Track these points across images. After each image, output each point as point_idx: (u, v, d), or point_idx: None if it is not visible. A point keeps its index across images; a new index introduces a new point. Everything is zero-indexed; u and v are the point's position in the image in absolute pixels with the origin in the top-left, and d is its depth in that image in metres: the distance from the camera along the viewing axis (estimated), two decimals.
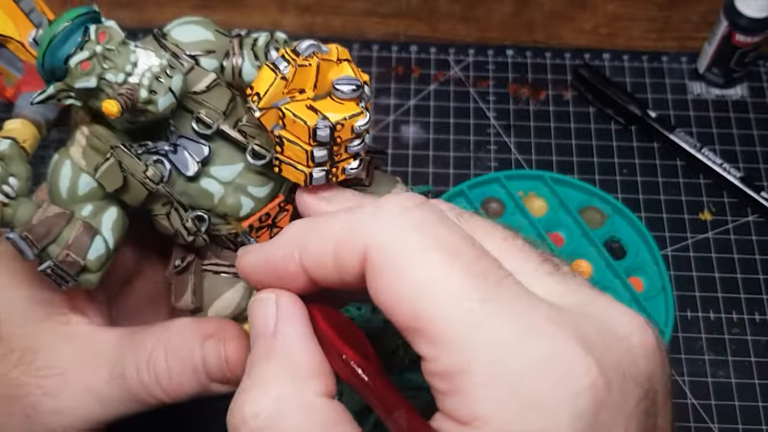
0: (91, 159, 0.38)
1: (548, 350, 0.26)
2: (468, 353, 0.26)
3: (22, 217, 0.36)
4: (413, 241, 0.28)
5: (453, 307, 0.27)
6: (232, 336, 0.40)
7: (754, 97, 0.75)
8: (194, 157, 0.38)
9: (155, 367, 0.39)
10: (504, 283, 0.28)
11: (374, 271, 0.28)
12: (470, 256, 0.28)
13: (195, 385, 0.40)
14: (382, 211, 0.29)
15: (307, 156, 0.34)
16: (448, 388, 0.27)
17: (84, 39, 0.34)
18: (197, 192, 0.39)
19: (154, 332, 0.40)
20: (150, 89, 0.35)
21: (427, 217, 0.29)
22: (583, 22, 0.81)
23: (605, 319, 0.29)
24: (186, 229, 0.39)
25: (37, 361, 0.40)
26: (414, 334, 0.28)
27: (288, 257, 0.31)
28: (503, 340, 0.26)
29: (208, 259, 0.42)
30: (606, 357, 0.27)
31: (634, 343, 0.28)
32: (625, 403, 0.27)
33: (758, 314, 0.64)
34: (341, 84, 0.34)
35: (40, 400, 0.40)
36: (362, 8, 0.81)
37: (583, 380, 0.26)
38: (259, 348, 0.31)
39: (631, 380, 0.28)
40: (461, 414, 0.27)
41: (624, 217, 0.66)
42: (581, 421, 0.26)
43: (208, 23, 0.41)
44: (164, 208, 0.38)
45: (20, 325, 0.41)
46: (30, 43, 0.38)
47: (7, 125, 0.38)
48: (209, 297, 0.41)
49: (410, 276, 0.28)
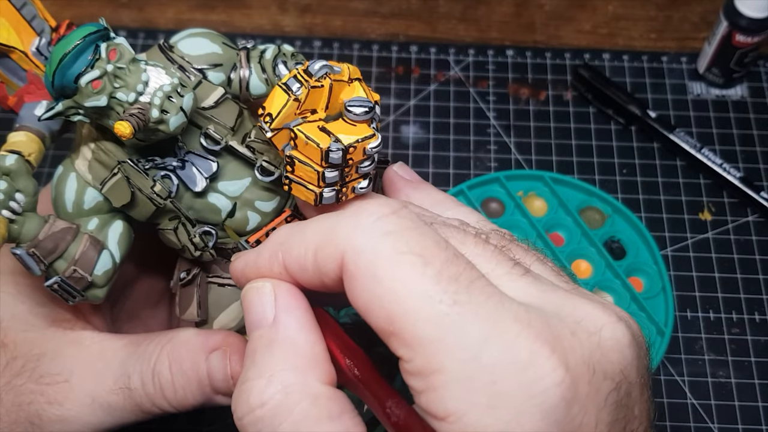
0: (98, 173, 0.37)
1: (516, 349, 0.28)
2: (440, 353, 0.28)
3: (29, 233, 0.36)
4: (386, 247, 0.29)
5: (425, 309, 0.28)
6: (237, 349, 0.40)
7: (754, 97, 0.75)
8: (202, 173, 0.38)
9: (160, 379, 0.39)
10: (475, 285, 0.29)
11: (350, 275, 0.29)
12: (442, 260, 0.29)
13: (200, 396, 0.40)
14: (360, 218, 0.30)
15: (319, 177, 0.34)
16: (424, 387, 0.28)
17: (95, 57, 0.34)
18: (204, 207, 0.39)
19: (158, 342, 0.40)
20: (162, 109, 0.35)
21: (402, 224, 0.30)
22: (583, 22, 0.81)
23: (576, 316, 0.30)
24: (193, 244, 0.38)
25: (41, 369, 0.40)
26: (390, 337, 0.29)
27: (273, 259, 0.32)
28: (473, 339, 0.28)
29: (212, 271, 0.41)
30: (575, 353, 0.28)
31: (605, 337, 0.30)
32: (596, 396, 0.28)
33: (758, 314, 0.64)
34: (353, 106, 0.34)
35: (44, 408, 0.40)
36: (362, 8, 0.81)
37: (550, 377, 0.27)
38: (259, 336, 0.32)
39: (601, 374, 0.29)
40: (436, 410, 0.28)
41: (624, 217, 0.66)
42: (550, 416, 0.27)
43: (215, 35, 0.41)
44: (171, 223, 0.38)
45: (24, 331, 0.41)
46: (33, 52, 0.38)
47: (12, 138, 0.38)
48: (214, 309, 0.41)
49: (384, 280, 0.29)
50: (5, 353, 0.40)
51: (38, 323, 0.41)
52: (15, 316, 0.41)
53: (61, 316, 0.42)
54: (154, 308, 0.49)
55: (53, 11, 0.40)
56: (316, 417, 0.29)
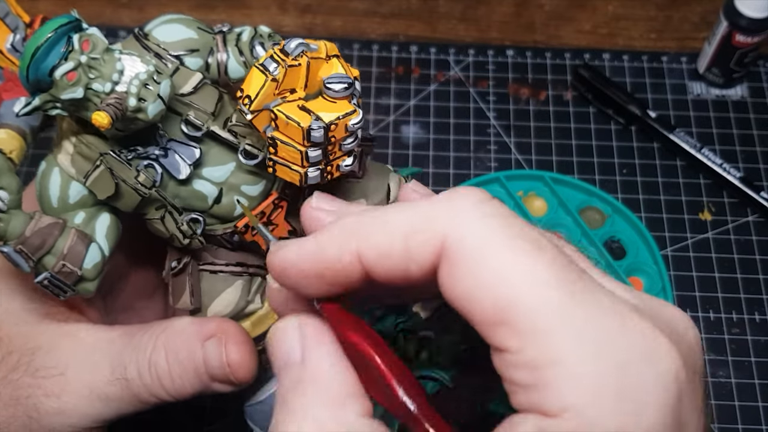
0: (81, 166, 0.37)
1: (640, 342, 0.27)
2: (559, 344, 0.26)
3: (15, 230, 0.36)
4: (496, 231, 0.27)
5: (541, 296, 0.26)
6: (233, 335, 0.40)
7: (754, 97, 0.75)
8: (185, 160, 0.38)
9: (157, 369, 0.39)
10: (586, 278, 0.28)
11: (452, 260, 0.28)
12: (553, 249, 0.28)
13: (197, 385, 0.40)
14: (457, 202, 0.29)
15: (302, 156, 0.34)
16: (534, 380, 0.26)
17: (68, 49, 0.34)
18: (190, 194, 0.39)
19: (153, 332, 0.40)
20: (139, 97, 0.34)
21: (504, 211, 0.28)
22: (583, 22, 0.81)
23: (667, 316, 0.29)
24: (182, 232, 0.38)
25: (37, 362, 0.40)
26: (494, 325, 0.27)
27: (344, 248, 0.30)
28: (597, 331, 0.26)
29: (203, 258, 0.41)
30: (682, 351, 0.27)
31: (691, 338, 0.29)
32: (696, 396, 0.28)
33: (758, 314, 0.64)
34: (332, 82, 0.34)
35: (41, 402, 0.40)
36: (362, 8, 0.81)
37: (671, 371, 0.26)
38: (288, 378, 0.30)
39: (698, 375, 0.28)
40: (549, 406, 0.26)
41: (624, 217, 0.66)
42: (667, 410, 0.26)
43: (189, 21, 0.40)
44: (158, 212, 0.38)
45: (17, 325, 0.41)
46: (8, 49, 0.38)
47: None
48: (208, 297, 0.41)
49: (494, 264, 0.27)
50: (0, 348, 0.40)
51: (32, 317, 0.41)
52: (8, 311, 0.41)
53: (54, 309, 0.42)
54: (149, 299, 0.49)
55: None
56: None
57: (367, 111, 0.74)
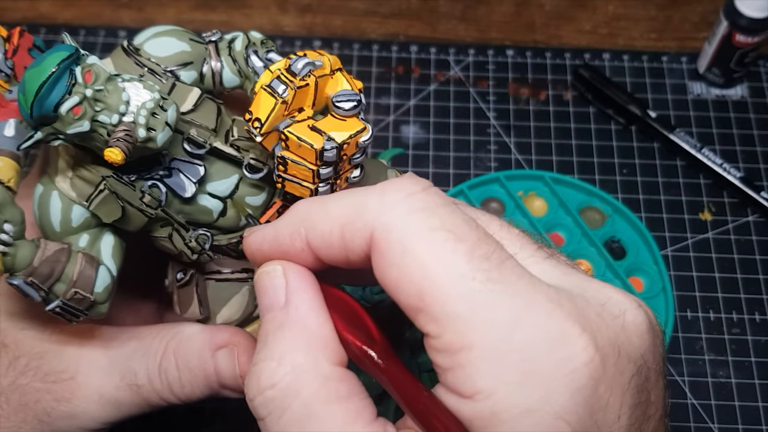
0: (81, 189, 0.36)
1: (548, 328, 0.28)
2: (471, 330, 0.28)
3: (23, 261, 0.34)
4: (418, 223, 0.29)
5: (457, 285, 0.28)
6: (244, 346, 0.40)
7: (754, 97, 0.75)
8: (190, 178, 0.37)
9: (167, 376, 0.39)
10: (506, 265, 0.29)
11: (380, 251, 0.29)
12: (474, 238, 0.29)
13: (207, 391, 0.40)
14: (388, 194, 0.30)
15: (314, 174, 0.34)
16: (451, 364, 0.28)
17: (71, 83, 0.33)
18: (195, 210, 0.38)
19: (162, 337, 0.40)
20: (147, 127, 0.34)
21: (433, 200, 0.30)
22: (583, 22, 0.81)
23: (600, 299, 0.30)
24: (190, 248, 0.38)
25: (45, 366, 0.40)
26: (418, 313, 0.29)
27: (295, 234, 0.32)
28: (505, 317, 0.28)
29: (209, 268, 0.41)
30: (602, 334, 0.29)
31: (628, 321, 0.30)
32: (620, 378, 0.29)
33: (758, 314, 0.64)
34: (341, 101, 0.34)
35: (52, 406, 0.39)
36: (362, 8, 0.81)
37: (581, 356, 0.28)
38: (271, 319, 0.32)
39: (626, 356, 0.29)
40: (463, 388, 0.28)
41: (624, 217, 0.66)
42: (579, 394, 0.27)
43: (181, 32, 0.40)
44: (165, 230, 0.38)
45: (23, 329, 0.41)
46: None
47: None
48: (216, 304, 0.41)
49: (415, 255, 0.29)
50: (7, 354, 0.40)
51: (37, 320, 0.41)
52: (13, 316, 0.41)
53: None
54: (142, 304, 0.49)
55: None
56: (326, 398, 0.29)
57: (367, 111, 0.74)
